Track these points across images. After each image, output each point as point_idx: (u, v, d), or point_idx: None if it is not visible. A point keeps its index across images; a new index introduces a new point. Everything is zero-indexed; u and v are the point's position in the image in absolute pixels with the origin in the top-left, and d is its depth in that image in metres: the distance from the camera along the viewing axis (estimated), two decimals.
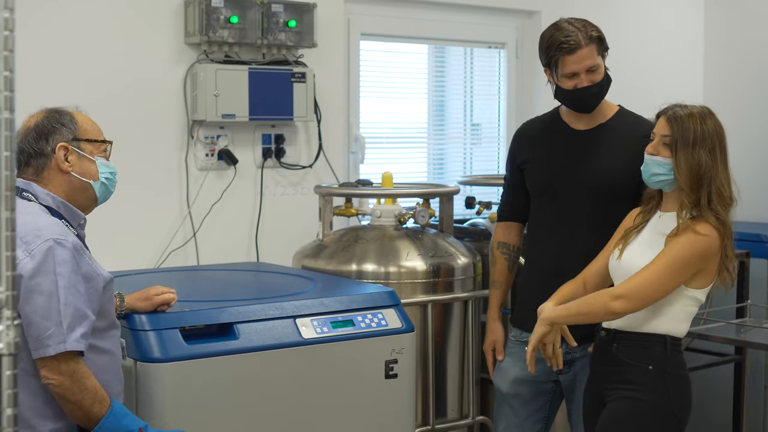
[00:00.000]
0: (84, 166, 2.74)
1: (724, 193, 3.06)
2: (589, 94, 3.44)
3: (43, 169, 2.71)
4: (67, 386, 2.54)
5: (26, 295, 2.50)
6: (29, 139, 2.72)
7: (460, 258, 4.13)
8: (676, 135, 3.05)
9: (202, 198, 4.47)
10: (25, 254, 2.51)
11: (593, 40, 3.41)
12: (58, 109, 2.79)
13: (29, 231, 2.53)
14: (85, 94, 4.12)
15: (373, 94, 5.20)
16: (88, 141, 2.76)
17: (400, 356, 3.39)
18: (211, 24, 4.32)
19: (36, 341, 2.51)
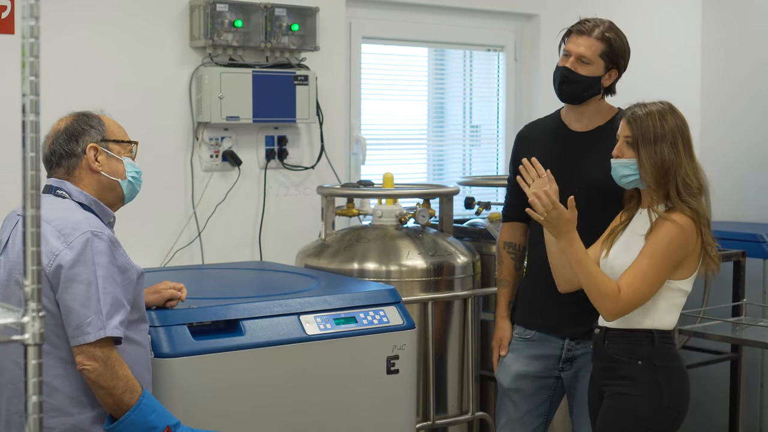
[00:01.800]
0: (112, 166, 2.87)
1: (691, 184, 3.14)
2: (563, 75, 3.54)
3: (74, 168, 2.83)
4: (100, 372, 2.63)
5: (66, 284, 2.62)
6: (60, 141, 2.85)
7: (460, 257, 4.22)
8: (636, 134, 3.15)
9: (206, 198, 4.55)
10: (64, 246, 2.63)
11: (603, 41, 3.52)
12: (86, 112, 2.92)
13: (67, 224, 2.66)
14: (93, 97, 4.17)
15: (374, 97, 5.28)
16: (115, 142, 2.89)
17: (401, 352, 3.47)
18: (216, 28, 4.40)
19: (76, 329, 2.62)
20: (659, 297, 3.16)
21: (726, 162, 6.12)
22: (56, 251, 2.62)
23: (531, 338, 3.70)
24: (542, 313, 3.67)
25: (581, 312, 3.50)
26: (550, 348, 3.66)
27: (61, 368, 2.67)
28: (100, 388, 2.65)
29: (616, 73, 3.59)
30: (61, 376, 2.67)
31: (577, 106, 3.63)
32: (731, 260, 5.11)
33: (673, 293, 3.18)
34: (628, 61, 3.61)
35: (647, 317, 3.17)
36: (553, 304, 3.61)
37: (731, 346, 5.10)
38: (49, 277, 2.63)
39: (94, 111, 2.94)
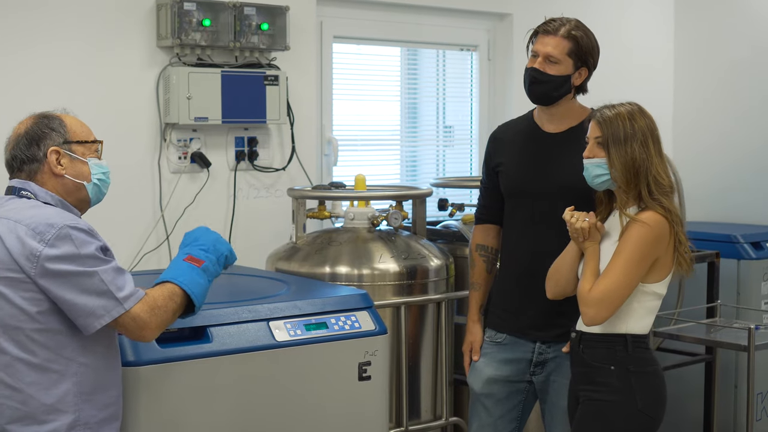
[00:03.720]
0: (77, 168, 2.78)
1: (662, 182, 3.14)
2: (532, 76, 3.51)
3: (36, 173, 2.74)
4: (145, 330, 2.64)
5: (60, 281, 2.55)
6: (21, 146, 2.76)
7: (434, 260, 4.15)
8: (606, 134, 3.14)
9: (175, 201, 4.47)
10: (42, 245, 2.55)
11: (569, 39, 3.48)
12: (47, 113, 2.82)
13: (40, 222, 2.59)
14: (58, 98, 4.05)
15: (346, 97, 5.21)
16: (78, 143, 2.79)
17: (373, 358, 3.40)
18: (184, 27, 4.32)
19: (89, 316, 2.57)
20: (633, 301, 3.13)
21: (699, 162, 6.10)
22: (37, 252, 2.55)
23: (502, 342, 3.65)
24: (512, 317, 3.62)
25: (551, 314, 3.47)
26: (521, 352, 3.61)
27: (36, 375, 2.60)
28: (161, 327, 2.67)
29: (586, 72, 3.55)
30: (35, 383, 2.60)
31: (548, 107, 3.58)
32: (705, 261, 5.08)
33: (647, 297, 3.15)
34: (598, 58, 3.57)
35: (621, 322, 3.15)
36: (523, 307, 3.57)
37: (705, 348, 5.07)
38: (35, 279, 2.56)
39: (56, 111, 2.84)
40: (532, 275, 3.49)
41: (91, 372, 2.67)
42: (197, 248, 2.85)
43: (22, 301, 2.57)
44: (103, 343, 2.70)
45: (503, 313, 3.67)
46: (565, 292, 3.32)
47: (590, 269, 3.16)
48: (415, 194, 4.37)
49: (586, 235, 3.18)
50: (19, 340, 2.59)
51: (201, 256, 2.82)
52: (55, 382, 2.61)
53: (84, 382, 2.65)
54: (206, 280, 2.80)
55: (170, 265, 2.81)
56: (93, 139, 2.85)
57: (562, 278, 3.30)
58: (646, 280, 3.13)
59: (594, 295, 3.10)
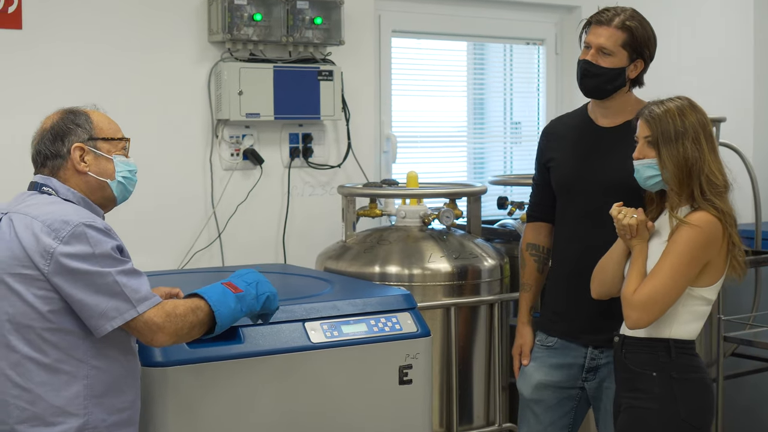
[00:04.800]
0: (101, 166, 2.70)
1: (716, 181, 2.96)
2: (583, 69, 3.36)
3: (59, 169, 2.68)
4: (161, 334, 2.56)
5: (73, 279, 2.49)
6: (45, 141, 2.70)
7: (487, 260, 4.01)
8: (656, 133, 2.97)
9: (227, 199, 4.40)
10: (56, 242, 2.49)
11: (624, 30, 3.33)
12: (74, 109, 2.75)
13: (56, 218, 2.52)
14: (109, 94, 4.08)
15: (406, 92, 5.09)
16: (104, 140, 2.72)
17: (414, 361, 3.28)
18: (235, 22, 4.25)
19: (101, 317, 2.50)
20: (679, 304, 2.96)
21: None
22: (51, 249, 2.49)
23: (552, 346, 3.50)
24: (563, 319, 3.47)
25: (602, 317, 3.31)
26: (573, 357, 3.46)
27: (46, 376, 2.53)
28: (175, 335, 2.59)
29: (642, 64, 3.38)
30: (44, 384, 2.53)
31: (602, 100, 3.43)
32: None
33: (695, 301, 2.98)
34: (655, 50, 3.40)
35: (665, 326, 2.98)
36: (575, 309, 3.43)
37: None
38: (48, 276, 2.49)
39: (84, 107, 2.77)
40: (581, 275, 3.33)
41: (104, 375, 2.59)
42: (240, 280, 2.78)
43: (34, 299, 2.51)
44: (118, 346, 2.62)
45: (553, 315, 3.53)
46: (610, 292, 3.16)
47: (636, 269, 2.99)
48: (468, 192, 4.23)
49: (634, 232, 3.01)
50: (30, 339, 2.53)
51: (241, 285, 2.76)
52: (66, 383, 2.55)
53: (95, 385, 2.58)
54: (238, 308, 2.71)
55: (209, 285, 2.74)
56: (120, 136, 2.77)
57: (608, 277, 3.14)
58: (696, 284, 2.96)
59: (638, 298, 2.93)
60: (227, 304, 2.68)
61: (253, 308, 2.76)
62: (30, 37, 3.96)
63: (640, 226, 3.01)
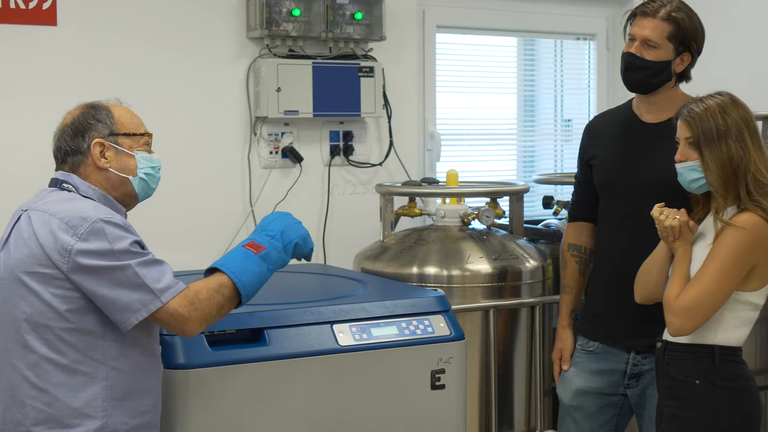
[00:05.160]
0: (122, 162, 2.63)
1: (764, 181, 2.80)
2: (627, 62, 3.24)
3: (79, 165, 2.62)
4: (186, 324, 2.49)
5: (93, 276, 2.43)
6: (66, 136, 2.64)
7: (529, 261, 3.88)
8: (697, 133, 2.82)
9: (265, 197, 4.33)
10: (74, 239, 2.43)
11: (669, 21, 3.20)
12: (95, 103, 2.69)
13: (74, 215, 2.46)
14: (145, 91, 4.04)
15: (451, 89, 4.98)
16: (126, 135, 2.65)
17: (447, 366, 3.17)
18: (273, 17, 4.17)
19: (125, 310, 2.44)
20: (724, 309, 2.81)
21: None
22: (69, 246, 2.42)
23: (593, 351, 3.38)
24: (604, 323, 3.34)
25: (645, 321, 3.18)
26: (614, 362, 3.33)
27: (64, 377, 2.47)
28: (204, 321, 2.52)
29: (689, 57, 3.24)
30: (62, 385, 2.47)
31: (647, 95, 3.30)
32: None
33: (742, 306, 2.83)
34: (703, 43, 3.26)
35: (710, 332, 2.84)
36: (616, 312, 3.30)
37: None
38: (67, 274, 2.43)
39: (107, 101, 2.70)
40: (623, 277, 3.20)
41: (124, 377, 2.52)
42: (263, 234, 2.67)
43: (52, 298, 2.45)
44: (139, 347, 2.55)
45: (594, 318, 3.40)
46: (653, 296, 3.02)
47: (679, 273, 2.85)
48: (509, 190, 4.10)
49: (677, 234, 2.87)
50: (47, 339, 2.47)
51: (264, 242, 2.64)
52: (84, 384, 2.48)
53: (115, 387, 2.51)
54: (264, 268, 2.61)
55: (230, 251, 2.65)
56: (142, 131, 2.69)
57: (651, 281, 3.00)
58: (742, 288, 2.81)
59: (681, 304, 2.79)
60: (250, 270, 2.57)
61: (282, 262, 2.66)
62: (64, 34, 3.92)
63: (683, 228, 2.87)
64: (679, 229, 2.86)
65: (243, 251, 2.61)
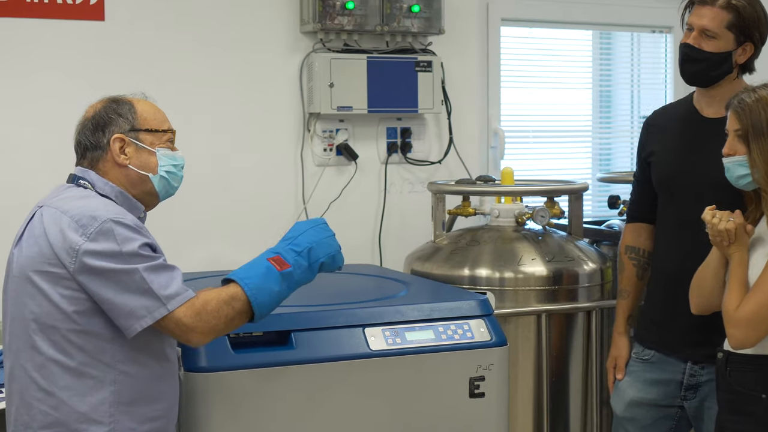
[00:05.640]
0: (143, 159, 2.53)
1: None
2: (684, 53, 3.06)
3: (98, 161, 2.53)
4: (192, 333, 2.38)
5: (99, 278, 2.34)
6: (86, 131, 2.55)
7: (587, 263, 3.69)
8: (746, 125, 2.62)
9: (318, 195, 4.22)
10: (83, 238, 2.34)
11: (729, 10, 3.01)
12: (118, 97, 2.59)
13: (84, 214, 2.37)
14: (196, 88, 3.98)
15: (516, 85, 4.80)
16: (147, 131, 2.55)
17: (487, 373, 3.01)
18: (327, 11, 4.06)
19: (129, 316, 2.34)
20: None
21: None
22: (77, 246, 2.33)
23: (649, 359, 3.19)
24: (660, 330, 3.15)
25: (703, 329, 2.97)
26: (670, 372, 3.14)
27: (70, 379, 2.39)
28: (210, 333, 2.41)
29: (751, 48, 3.03)
30: (69, 388, 2.39)
31: (707, 88, 3.09)
32: None
33: None
34: (767, 32, 3.03)
35: None
36: (672, 319, 3.11)
37: None
38: (74, 275, 2.35)
39: (131, 95, 2.61)
40: (680, 282, 3.01)
41: (133, 381, 2.43)
42: (291, 248, 2.53)
43: (60, 298, 2.37)
44: (150, 351, 2.46)
45: (651, 324, 3.21)
46: (710, 305, 2.81)
47: (737, 281, 2.64)
48: (567, 189, 3.91)
49: (732, 238, 2.66)
50: (55, 340, 2.39)
51: (289, 259, 2.50)
52: (91, 388, 2.40)
53: (123, 392, 2.42)
54: (284, 287, 2.48)
55: (251, 261, 2.52)
56: (166, 127, 2.59)
57: (706, 289, 2.80)
58: None
59: (742, 315, 2.59)
60: (268, 289, 2.44)
61: (305, 280, 2.53)
62: (112, 29, 3.87)
63: (738, 231, 2.66)
64: (735, 232, 2.65)
65: (265, 266, 2.48)
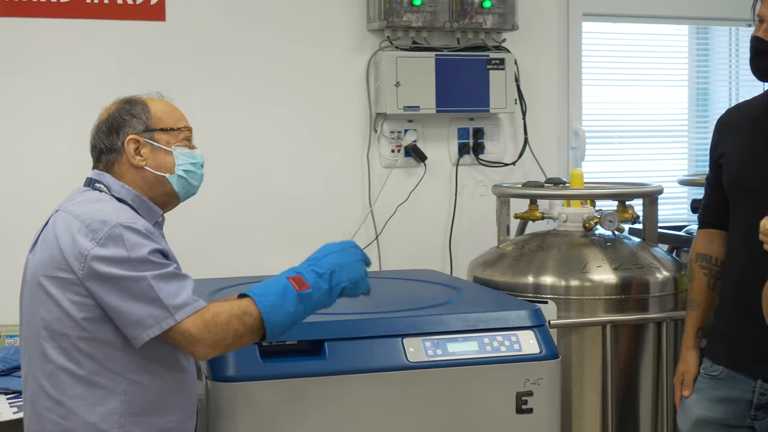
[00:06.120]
0: (159, 159, 2.45)
1: None
2: (754, 47, 2.81)
3: (114, 164, 2.46)
4: (200, 345, 2.28)
5: (107, 285, 2.26)
6: (100, 134, 2.48)
7: (660, 271, 3.47)
8: None
9: (385, 198, 4.10)
10: (92, 243, 2.26)
11: None
12: (132, 98, 2.52)
13: (95, 218, 2.30)
14: (260, 87, 3.91)
15: (599, 83, 4.59)
16: (163, 130, 2.47)
17: (536, 388, 2.83)
18: (394, 8, 3.94)
19: (136, 326, 2.26)
20: None
21: None
22: (85, 251, 2.26)
23: (717, 375, 2.96)
24: (729, 344, 2.92)
25: None
26: (740, 389, 2.90)
27: (80, 389, 2.32)
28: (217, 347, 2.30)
29: None
30: (78, 397, 2.32)
31: None
32: None
33: None
34: None
35: None
36: (741, 333, 2.87)
37: None
38: (83, 281, 2.28)
39: (147, 95, 2.53)
40: (750, 293, 2.77)
41: (145, 391, 2.34)
42: (312, 270, 2.40)
43: (70, 305, 2.30)
44: (162, 360, 2.37)
45: (720, 337, 2.98)
46: None
47: None
48: (638, 192, 3.68)
49: None
50: (64, 348, 2.32)
51: (310, 281, 2.37)
52: (101, 398, 2.32)
53: (134, 402, 2.33)
54: (300, 309, 2.36)
55: (270, 279, 2.41)
56: (182, 125, 2.49)
57: None
58: None
59: None
60: (283, 309, 2.33)
61: (324, 304, 2.40)
62: (173, 29, 3.82)
63: None
64: None
65: (284, 285, 2.36)
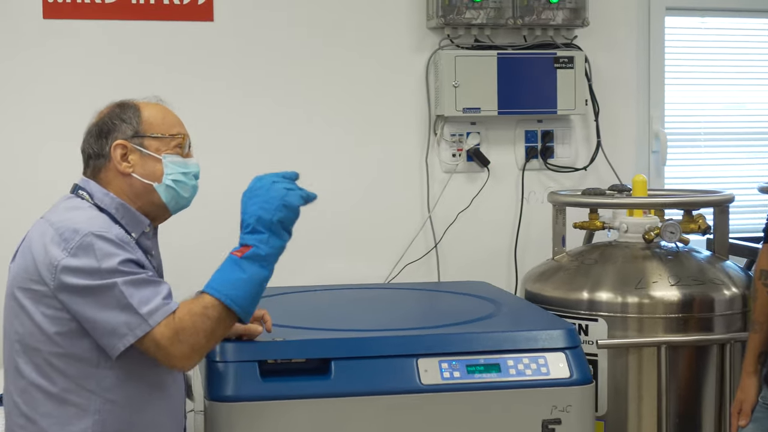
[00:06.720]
0: (147, 166, 2.33)
1: None
2: None
3: (101, 170, 2.35)
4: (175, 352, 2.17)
5: (79, 296, 2.16)
6: (90, 138, 2.38)
7: (728, 288, 3.17)
8: None
9: (445, 204, 3.91)
10: (64, 253, 2.17)
11: None
12: (124, 102, 2.40)
13: (68, 227, 2.20)
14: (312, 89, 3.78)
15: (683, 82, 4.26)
16: (153, 137, 2.34)
17: (564, 415, 2.60)
18: (454, 4, 3.74)
19: (111, 335, 2.16)
20: None
21: None
22: (56, 261, 2.16)
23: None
24: None
25: None
26: None
27: (52, 406, 2.22)
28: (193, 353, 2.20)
29: None
30: (50, 415, 2.22)
31: None
32: None
33: None
34: None
35: None
36: None
37: None
38: (54, 292, 2.17)
39: (143, 99, 2.41)
40: None
41: (119, 411, 2.23)
42: (244, 231, 2.27)
43: (42, 318, 2.20)
44: (139, 379, 2.25)
45: None
46: None
47: None
48: (705, 201, 3.38)
49: None
50: (37, 363, 2.22)
51: (247, 240, 2.25)
52: (72, 417, 2.21)
53: (108, 422, 2.22)
54: (254, 271, 2.22)
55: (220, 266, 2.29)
56: (174, 132, 2.36)
57: None
58: None
59: None
60: (234, 280, 2.21)
61: (278, 248, 2.26)
62: (222, 30, 3.72)
63: None
64: None
65: (228, 260, 2.25)
